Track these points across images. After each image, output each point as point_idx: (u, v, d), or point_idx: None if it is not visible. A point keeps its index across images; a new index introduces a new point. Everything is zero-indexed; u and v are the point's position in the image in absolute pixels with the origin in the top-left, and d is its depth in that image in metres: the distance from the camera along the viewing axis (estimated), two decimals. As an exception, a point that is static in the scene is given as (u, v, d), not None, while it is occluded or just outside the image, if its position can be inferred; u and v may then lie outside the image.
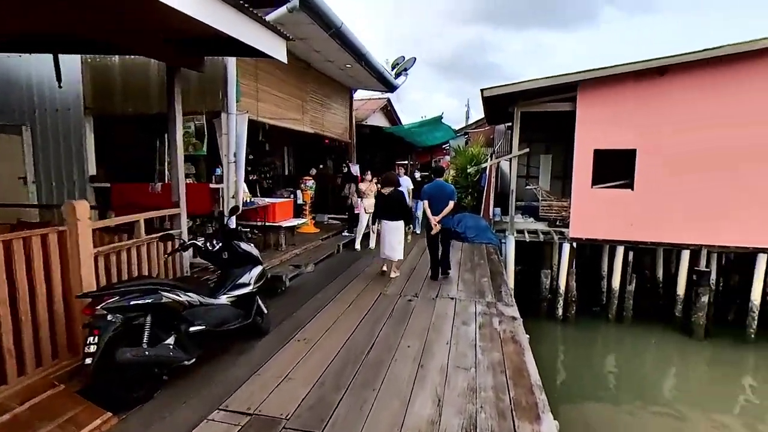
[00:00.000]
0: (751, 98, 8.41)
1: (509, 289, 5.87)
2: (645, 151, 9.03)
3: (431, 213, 6.49)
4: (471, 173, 11.30)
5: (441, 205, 6.44)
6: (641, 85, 8.91)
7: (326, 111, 9.44)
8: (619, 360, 8.41)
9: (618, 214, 9.30)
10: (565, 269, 9.87)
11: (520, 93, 9.38)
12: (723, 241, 8.88)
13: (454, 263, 7.50)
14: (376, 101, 20.38)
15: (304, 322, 4.72)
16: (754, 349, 8.68)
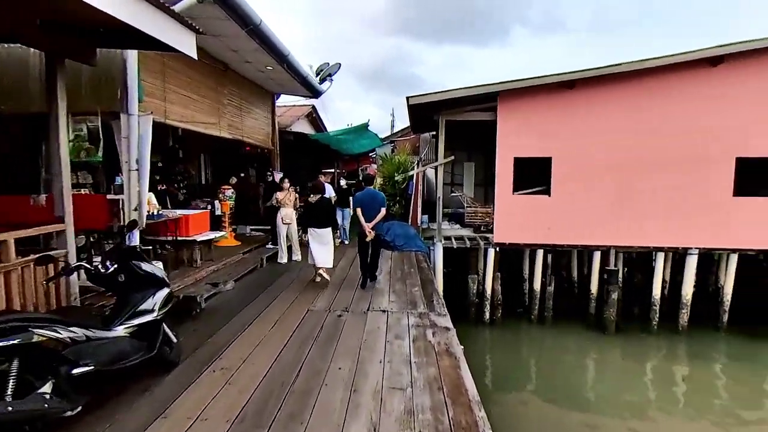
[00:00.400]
0: (648, 111, 9.26)
1: (440, 298, 5.78)
2: (559, 159, 9.57)
3: (364, 220, 6.58)
4: (398, 181, 11.28)
5: (373, 213, 6.62)
6: (554, 97, 9.45)
7: (246, 116, 8.86)
8: (543, 359, 8.74)
9: (537, 219, 9.74)
10: (491, 274, 10.14)
11: (444, 102, 9.52)
12: (627, 242, 9.64)
13: (384, 273, 7.33)
14: (300, 108, 19.85)
15: (221, 348, 4.21)
16: (656, 340, 9.50)
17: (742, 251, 9.54)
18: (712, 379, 8.02)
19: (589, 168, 9.50)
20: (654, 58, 8.77)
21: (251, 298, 5.86)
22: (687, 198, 9.30)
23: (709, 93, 9.09)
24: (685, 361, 8.72)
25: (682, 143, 9.22)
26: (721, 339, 9.48)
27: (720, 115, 9.10)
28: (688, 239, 9.47)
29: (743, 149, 9.11)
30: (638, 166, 9.35)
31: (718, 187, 9.24)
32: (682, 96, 9.18)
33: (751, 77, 8.96)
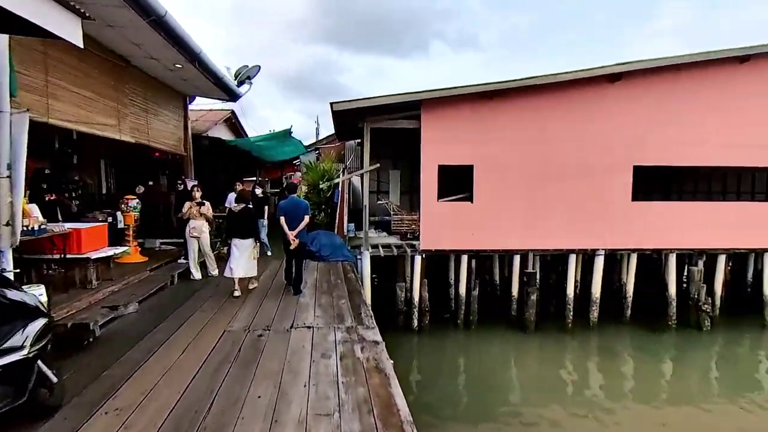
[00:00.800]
0: (556, 123, 9.88)
1: (369, 310, 5.57)
2: (481, 167, 9.87)
3: (288, 228, 6.54)
4: (323, 189, 10.96)
5: (296, 221, 6.61)
6: (475, 107, 9.75)
7: (153, 118, 8.03)
8: (471, 363, 8.87)
9: (462, 225, 9.94)
10: (418, 281, 10.16)
11: (369, 109, 9.42)
12: (543, 245, 10.18)
13: (309, 286, 6.97)
14: (218, 112, 18.76)
15: (118, 383, 3.61)
16: (571, 336, 10.09)
17: (641, 251, 10.50)
18: (620, 370, 8.66)
19: (507, 175, 9.91)
20: (563, 73, 9.41)
21: (158, 321, 5.21)
22: (593, 203, 10.04)
23: (609, 107, 9.92)
24: (596, 355, 9.33)
25: (586, 152, 9.95)
26: (626, 333, 10.30)
27: (619, 127, 9.96)
28: (596, 241, 10.22)
29: (639, 158, 10.05)
30: (548, 173, 9.92)
31: (619, 193, 10.09)
32: (585, 109, 9.92)
33: (645, 93, 9.94)
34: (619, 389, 7.81)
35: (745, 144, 10.11)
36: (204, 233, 7.50)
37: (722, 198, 15.80)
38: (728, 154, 10.17)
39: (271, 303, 5.98)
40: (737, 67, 10.09)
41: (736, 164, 10.70)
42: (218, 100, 9.64)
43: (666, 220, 10.30)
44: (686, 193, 15.57)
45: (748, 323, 10.77)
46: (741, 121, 10.08)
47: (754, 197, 16.03)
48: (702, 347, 9.66)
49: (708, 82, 10.03)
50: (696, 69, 9.92)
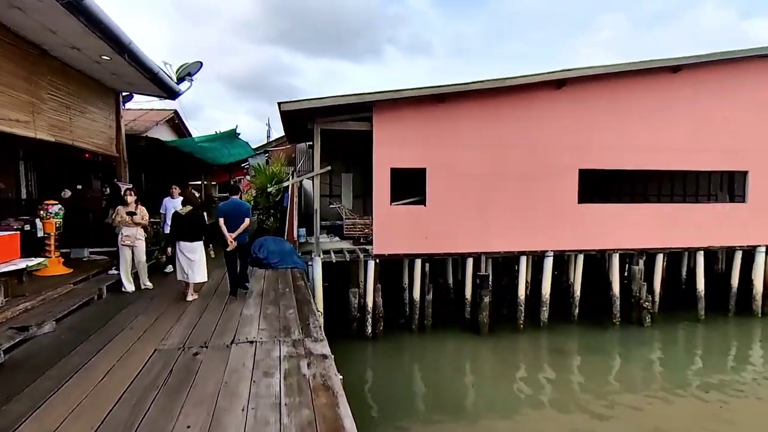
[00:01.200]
0: (505, 127, 10.00)
1: (318, 320, 5.24)
2: (433, 170, 9.80)
3: (227, 230, 6.51)
4: (272, 193, 10.48)
5: (238, 222, 6.60)
6: (426, 109, 9.68)
7: (78, 115, 7.27)
8: (426, 369, 8.70)
9: (415, 229, 9.82)
10: (372, 286, 9.91)
11: (319, 110, 9.09)
12: (494, 248, 10.25)
13: (255, 295, 6.53)
14: (159, 112, 17.69)
15: (16, 422, 3.08)
16: (523, 337, 10.21)
17: (587, 252, 10.83)
18: (571, 368, 8.81)
19: (459, 179, 9.90)
20: (512, 78, 9.52)
21: (78, 342, 4.62)
22: (542, 205, 10.24)
23: (556, 112, 10.17)
24: (548, 355, 9.46)
25: (536, 156, 10.15)
26: (574, 332, 10.56)
27: (565, 132, 10.23)
28: (545, 243, 10.42)
29: (584, 162, 10.37)
30: (500, 177, 10.02)
31: (567, 195, 10.36)
32: (534, 114, 10.12)
33: (590, 99, 10.28)
34: (571, 387, 7.97)
35: (675, 148, 10.69)
36: (139, 241, 6.88)
37: (657, 200, 16.78)
38: (660, 158, 10.72)
39: (212, 315, 5.50)
40: (671, 77, 10.67)
41: (669, 168, 11.33)
42: (155, 97, 8.94)
43: (609, 221, 10.70)
44: (624, 195, 16.37)
45: (684, 318, 11.38)
46: (673, 127, 10.66)
47: (686, 199, 17.19)
48: (644, 342, 10.06)
49: (644, 91, 10.52)
50: (633, 78, 10.40)
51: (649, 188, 17.38)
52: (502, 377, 8.32)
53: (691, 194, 17.64)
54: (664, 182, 17.39)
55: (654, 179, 17.00)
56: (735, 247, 11.50)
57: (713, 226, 11.19)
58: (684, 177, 17.36)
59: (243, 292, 6.49)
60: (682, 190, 17.72)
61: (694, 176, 17.32)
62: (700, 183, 17.44)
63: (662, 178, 17.02)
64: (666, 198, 17.49)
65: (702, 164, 11.13)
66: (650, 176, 16.29)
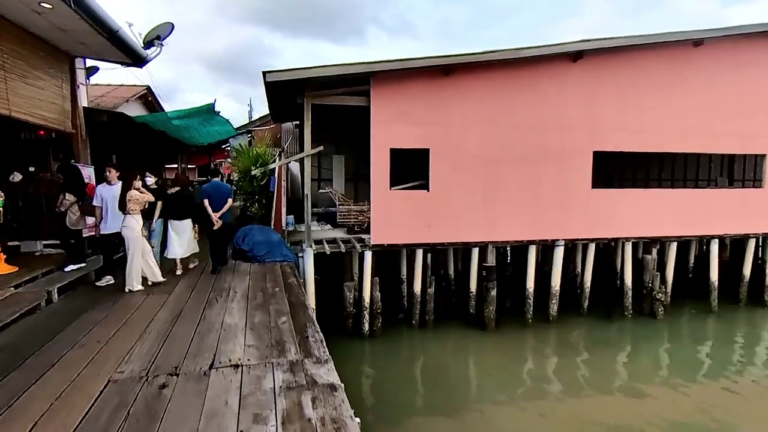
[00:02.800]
0: (516, 104, 9.05)
1: (318, 332, 4.27)
2: (437, 151, 8.83)
3: (211, 210, 6.85)
4: (257, 176, 9.39)
5: (221, 203, 6.94)
6: (431, 83, 8.65)
7: (17, 81, 5.98)
8: (430, 369, 7.92)
9: (417, 216, 8.88)
10: (369, 280, 9.00)
11: (310, 81, 7.99)
12: (502, 237, 9.39)
13: (239, 297, 5.52)
14: (130, 88, 16.31)
15: None
16: (532, 332, 9.46)
17: (599, 240, 10.07)
18: (586, 367, 8.10)
19: (465, 161, 8.96)
20: (527, 48, 8.53)
21: (6, 369, 3.56)
22: (553, 190, 9.39)
23: (570, 88, 9.25)
24: (561, 353, 8.72)
25: (547, 136, 9.25)
26: (585, 326, 9.86)
27: (579, 111, 9.34)
28: (556, 231, 9.61)
29: (599, 143, 9.53)
30: (506, 159, 9.11)
31: (579, 180, 9.52)
32: (547, 89, 9.18)
33: (605, 75, 9.38)
34: (589, 389, 7.30)
35: (692, 130, 9.91)
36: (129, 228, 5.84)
37: (657, 185, 16.18)
38: (677, 140, 9.92)
39: (186, 325, 4.48)
40: (690, 52, 9.83)
41: (685, 151, 10.61)
42: (119, 64, 7.69)
43: (623, 208, 9.92)
44: (625, 180, 15.71)
45: (696, 309, 10.81)
46: (690, 108, 9.85)
47: (686, 184, 16.63)
48: (659, 336, 9.43)
49: (660, 68, 9.66)
50: (651, 52, 9.51)
51: (650, 173, 16.76)
52: (514, 378, 7.59)
53: (691, 179, 17.11)
54: (664, 166, 16.76)
55: (653, 163, 16.34)
56: (750, 234, 10.91)
57: (729, 213, 10.54)
58: (685, 160, 16.77)
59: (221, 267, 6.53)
60: (682, 175, 17.15)
61: (695, 160, 16.77)
62: (700, 167, 16.92)
63: (662, 161, 16.37)
64: (666, 183, 16.91)
65: (718, 147, 10.39)
66: (650, 160, 15.62)
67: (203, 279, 6.40)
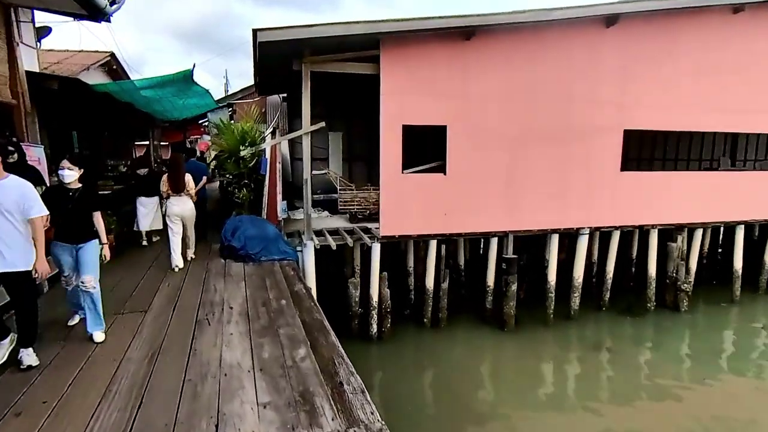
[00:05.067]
0: (544, 74, 7.93)
1: (353, 373, 3.17)
2: (455, 128, 7.67)
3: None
4: (245, 157, 8.07)
5: (198, 180, 7.13)
6: (448, 49, 7.42)
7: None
8: (448, 377, 7.01)
9: (432, 203, 7.78)
10: (377, 275, 7.92)
11: (311, 42, 6.66)
12: (523, 226, 8.41)
13: (236, 312, 4.35)
14: (91, 54, 14.45)
15: None
16: (557, 331, 8.62)
17: (625, 228, 9.22)
18: (613, 367, 7.39)
19: (485, 139, 7.85)
20: (559, 9, 7.36)
21: None
22: (580, 173, 8.41)
23: (601, 57, 8.16)
24: (590, 352, 7.93)
25: (575, 112, 8.20)
26: (608, 321, 9.13)
27: (611, 84, 8.29)
28: (582, 218, 8.69)
29: (630, 121, 8.54)
30: (532, 137, 8.04)
31: (608, 161, 8.57)
32: (576, 59, 8.07)
33: (642, 44, 8.31)
34: (618, 393, 6.62)
35: (730, 108, 9.00)
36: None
37: (662, 165, 15.51)
38: (714, 118, 9.02)
39: (171, 368, 3.29)
40: (728, 18, 8.83)
41: (722, 130, 9.79)
42: (71, 17, 6.16)
43: (649, 192, 9.04)
44: (630, 160, 14.92)
45: (719, 299, 10.18)
46: (726, 83, 8.92)
47: (689, 164, 16.02)
48: (687, 332, 8.76)
49: (700, 35, 8.66)
50: (688, 18, 8.47)
51: (655, 153, 16.04)
52: (539, 384, 6.88)
53: (695, 158, 16.51)
54: (668, 145, 16.05)
55: (658, 142, 15.60)
56: (776, 219, 10.25)
57: (760, 197, 9.83)
58: (690, 139, 16.09)
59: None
60: (686, 155, 16.50)
61: (699, 139, 16.13)
62: (704, 147, 16.33)
63: (666, 140, 15.66)
64: (670, 163, 16.27)
65: (758, 126, 9.55)
66: (655, 138, 14.88)
67: (188, 286, 5.18)
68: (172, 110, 10.28)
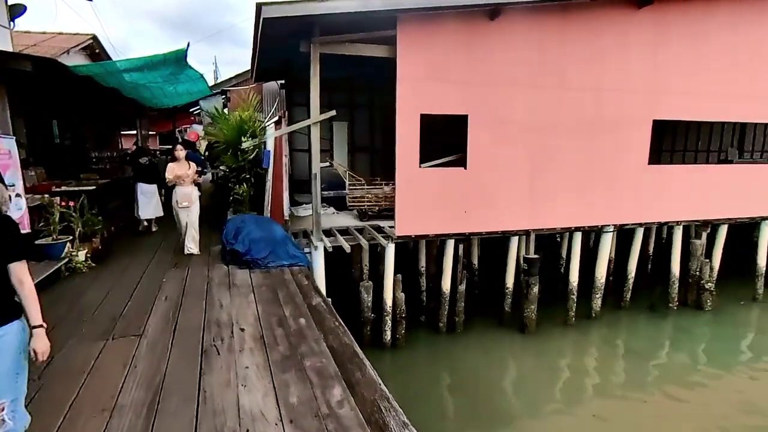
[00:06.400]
0: (572, 58, 7.30)
1: (408, 427, 2.55)
2: (477, 118, 7.02)
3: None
4: (247, 149, 7.33)
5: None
6: (472, 29, 6.75)
7: None
8: (468, 386, 6.60)
9: (451, 199, 7.15)
10: (391, 278, 7.31)
11: (322, 20, 5.93)
12: (546, 223, 7.84)
13: (248, 336, 3.69)
14: (72, 37, 13.52)
15: None
16: (579, 333, 8.13)
17: (649, 224, 8.71)
18: (643, 371, 6.93)
19: (509, 130, 7.22)
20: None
21: None
22: (606, 167, 7.84)
23: (631, 41, 7.54)
24: (621, 357, 7.48)
25: (602, 101, 7.60)
26: (629, 321, 8.69)
27: (641, 69, 7.69)
28: (607, 215, 8.14)
29: (660, 110, 7.97)
30: (558, 128, 7.43)
31: (636, 154, 8.02)
32: (606, 42, 7.45)
33: (675, 26, 7.70)
34: (653, 401, 6.13)
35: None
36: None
37: (670, 157, 15.10)
38: (751, 107, 8.49)
39: (176, 421, 2.63)
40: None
41: (760, 120, 9.25)
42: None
43: (674, 186, 8.51)
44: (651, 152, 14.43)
45: (741, 297, 9.76)
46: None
47: (697, 155, 15.65)
48: (715, 333, 8.33)
49: (738, 17, 8.07)
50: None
51: (663, 144, 15.58)
52: (570, 394, 6.38)
53: (703, 150, 16.14)
54: (677, 136, 15.61)
55: (667, 132, 15.12)
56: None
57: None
58: (698, 130, 15.66)
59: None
60: (694, 145, 16.09)
61: (707, 129, 15.73)
62: (712, 137, 15.94)
63: (675, 131, 15.21)
64: (678, 155, 15.86)
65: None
66: (664, 128, 14.39)
67: (188, 300, 4.50)
68: (162, 97, 9.44)
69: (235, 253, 5.61)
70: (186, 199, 6.23)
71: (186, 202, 6.22)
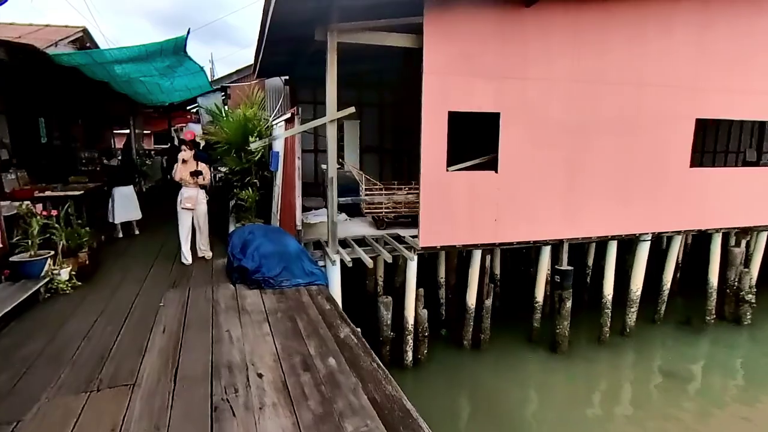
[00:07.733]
0: (614, 51, 6.62)
1: None
2: (510, 116, 6.33)
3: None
4: (254, 150, 6.60)
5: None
6: (506, 17, 6.05)
7: None
8: (500, 411, 5.86)
9: (481, 206, 6.45)
10: (413, 293, 6.60)
11: (340, 4, 5.20)
12: (586, 232, 7.16)
13: (271, 395, 2.97)
14: (60, 29, 12.64)
15: None
16: (614, 352, 7.46)
17: (689, 232, 8.06)
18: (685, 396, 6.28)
19: (545, 129, 6.54)
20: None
21: None
22: (646, 170, 7.18)
23: (673, 32, 6.88)
24: (662, 380, 6.79)
25: (643, 98, 6.94)
26: (665, 338, 8.03)
27: (685, 62, 7.03)
28: (645, 223, 7.47)
29: (704, 108, 7.32)
30: (596, 128, 6.76)
31: (677, 156, 7.35)
32: (648, 33, 6.78)
33: (722, 15, 7.05)
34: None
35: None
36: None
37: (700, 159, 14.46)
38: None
39: None
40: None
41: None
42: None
43: (714, 191, 7.85)
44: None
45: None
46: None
47: (715, 156, 15.12)
48: (759, 350, 7.70)
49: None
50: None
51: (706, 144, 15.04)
52: (605, 419, 5.70)
53: (721, 150, 15.59)
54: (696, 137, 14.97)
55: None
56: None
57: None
58: (717, 129, 15.08)
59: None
60: (712, 146, 15.53)
61: (726, 129, 15.17)
62: (731, 137, 15.38)
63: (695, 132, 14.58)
64: (696, 155, 15.24)
65: None
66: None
67: (191, 332, 3.77)
68: (158, 93, 8.68)
69: (243, 270, 4.88)
70: (190, 201, 5.87)
71: (189, 203, 5.86)
